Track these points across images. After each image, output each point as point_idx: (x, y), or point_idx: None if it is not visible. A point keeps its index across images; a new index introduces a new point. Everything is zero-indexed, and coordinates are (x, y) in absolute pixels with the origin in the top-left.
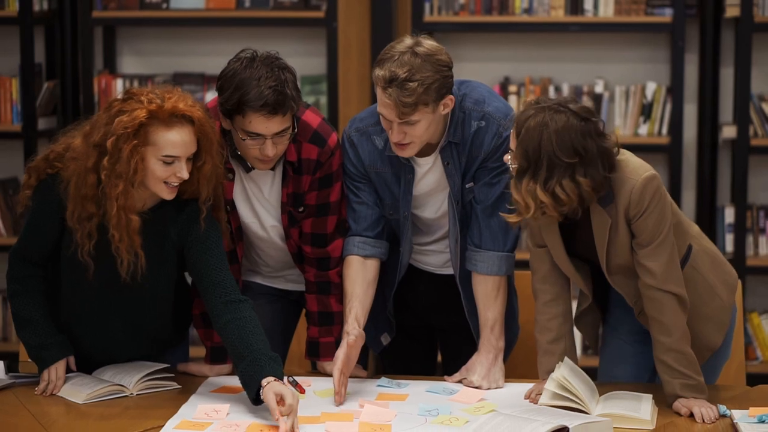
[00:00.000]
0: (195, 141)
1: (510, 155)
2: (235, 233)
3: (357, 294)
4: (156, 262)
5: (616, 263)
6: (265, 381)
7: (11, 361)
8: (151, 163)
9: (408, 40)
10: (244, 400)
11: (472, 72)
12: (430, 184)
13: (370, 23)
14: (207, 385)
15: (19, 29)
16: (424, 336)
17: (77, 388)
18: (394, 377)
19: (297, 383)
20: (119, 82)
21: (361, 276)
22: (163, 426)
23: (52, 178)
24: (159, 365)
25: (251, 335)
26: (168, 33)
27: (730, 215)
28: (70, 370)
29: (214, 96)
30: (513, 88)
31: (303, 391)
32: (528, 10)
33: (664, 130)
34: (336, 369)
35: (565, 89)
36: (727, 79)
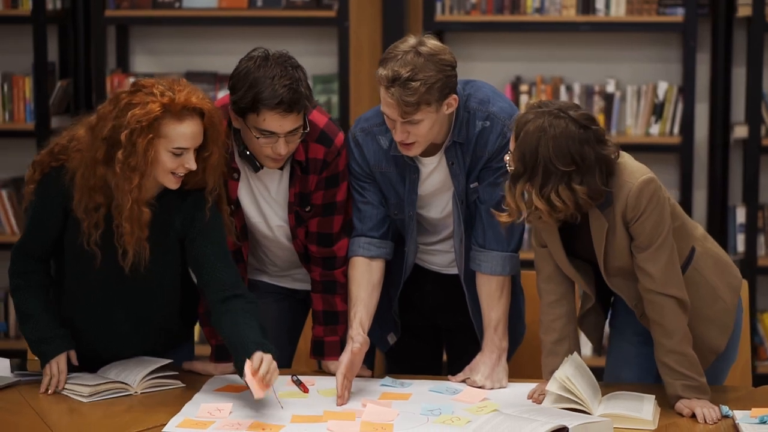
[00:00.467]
0: (203, 133)
1: (509, 156)
2: (240, 232)
3: (362, 298)
4: (161, 251)
5: (615, 266)
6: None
7: (22, 360)
8: (162, 155)
9: (412, 40)
10: (247, 399)
11: (483, 71)
12: (435, 184)
13: (381, 23)
14: (211, 384)
15: (33, 28)
16: (430, 336)
17: (82, 386)
18: (399, 377)
19: (301, 382)
20: (132, 81)
21: (366, 279)
22: (166, 424)
23: (55, 171)
24: (162, 361)
25: (243, 326)
26: (180, 32)
27: (741, 215)
28: (72, 368)
29: (224, 95)
30: (524, 88)
31: (307, 390)
32: (539, 10)
33: (676, 130)
34: (339, 374)
35: (577, 89)
36: (738, 78)
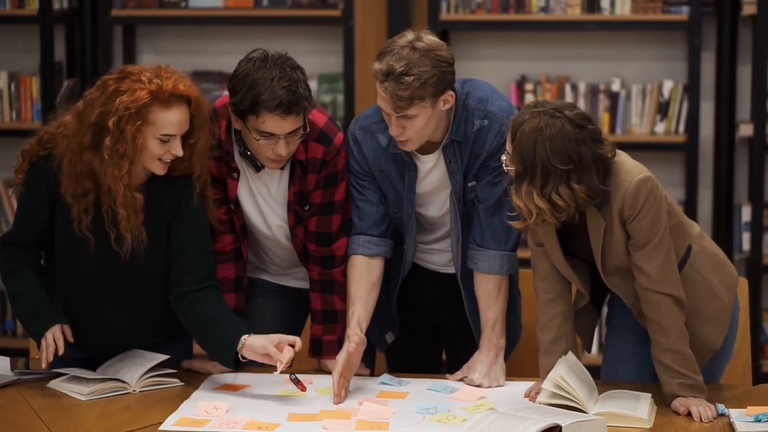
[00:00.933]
0: (189, 120)
1: (506, 157)
2: (239, 231)
3: (360, 296)
4: (151, 237)
5: (612, 264)
6: (242, 339)
7: (27, 359)
8: (149, 142)
9: (410, 35)
10: (245, 398)
11: (488, 70)
12: (433, 182)
13: (386, 22)
14: (209, 383)
15: (40, 28)
16: (429, 335)
17: (80, 384)
18: (397, 375)
19: (299, 381)
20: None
21: (365, 277)
22: (163, 422)
23: (43, 160)
24: (160, 357)
25: (217, 308)
26: (187, 31)
27: (746, 213)
28: (70, 363)
29: (227, 94)
30: (529, 87)
31: (304, 389)
32: (545, 9)
33: (681, 129)
34: (336, 372)
35: (582, 88)
36: (744, 77)
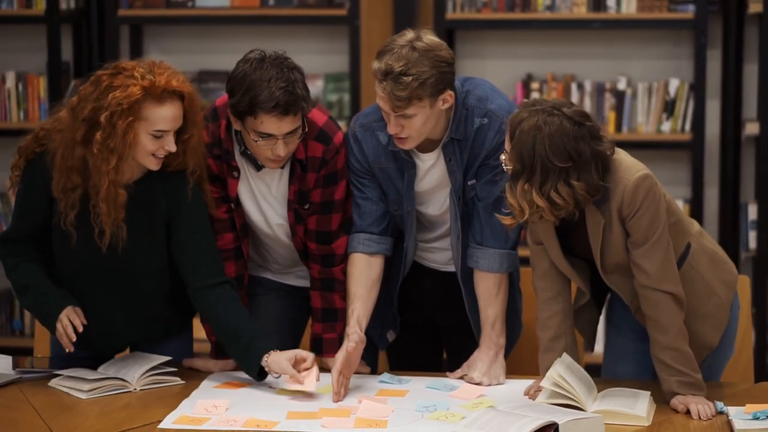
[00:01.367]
0: (182, 115)
1: (505, 156)
2: (240, 230)
3: (360, 295)
4: (146, 234)
5: (612, 262)
6: (264, 359)
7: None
8: (142, 137)
9: (409, 34)
10: (244, 396)
11: (494, 69)
12: (433, 181)
13: (392, 21)
14: (210, 381)
15: (47, 28)
16: (430, 333)
17: (80, 382)
18: (398, 373)
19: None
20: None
21: (365, 275)
22: (163, 420)
23: (39, 156)
24: (162, 358)
25: (240, 315)
26: (193, 31)
27: (753, 212)
28: (72, 363)
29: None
30: (535, 85)
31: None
32: (550, 7)
33: (687, 127)
34: (335, 370)
35: (588, 86)
36: (750, 75)
